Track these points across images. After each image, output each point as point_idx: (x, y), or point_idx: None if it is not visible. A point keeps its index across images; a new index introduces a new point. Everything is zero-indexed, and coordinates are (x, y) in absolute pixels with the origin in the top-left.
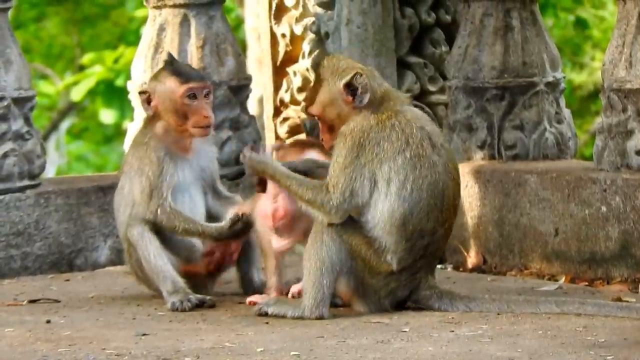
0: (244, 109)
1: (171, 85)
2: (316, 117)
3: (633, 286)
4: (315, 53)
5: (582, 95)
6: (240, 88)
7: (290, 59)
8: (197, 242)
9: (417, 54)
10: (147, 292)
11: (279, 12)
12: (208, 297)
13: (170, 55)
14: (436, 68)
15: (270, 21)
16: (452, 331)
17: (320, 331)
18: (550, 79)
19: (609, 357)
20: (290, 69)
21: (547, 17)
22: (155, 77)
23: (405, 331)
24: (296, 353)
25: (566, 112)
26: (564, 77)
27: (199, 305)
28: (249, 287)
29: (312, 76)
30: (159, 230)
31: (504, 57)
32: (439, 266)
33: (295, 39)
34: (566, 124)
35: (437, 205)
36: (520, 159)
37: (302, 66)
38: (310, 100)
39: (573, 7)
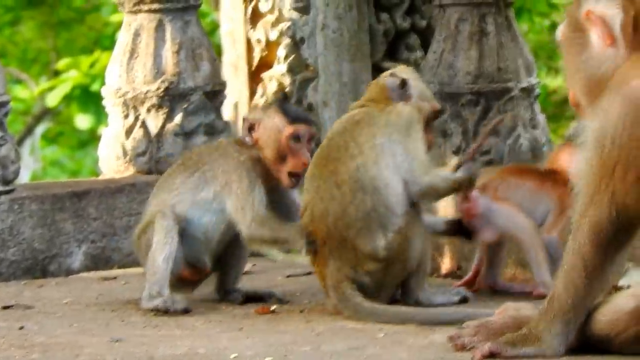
0: (218, 114)
1: (278, 122)
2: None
3: None
4: (291, 58)
5: (557, 99)
6: (215, 93)
7: (266, 64)
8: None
9: (392, 59)
10: (121, 298)
11: (254, 17)
12: (186, 306)
13: (284, 93)
14: None
15: (246, 26)
16: (426, 337)
17: (294, 337)
18: (525, 84)
19: None
20: (265, 75)
21: (522, 21)
22: (264, 109)
23: (379, 337)
24: (270, 359)
25: (541, 118)
26: (539, 83)
27: (178, 312)
28: (225, 293)
29: (287, 81)
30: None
31: (479, 62)
32: None
33: (270, 44)
34: (541, 129)
35: None
36: (495, 164)
37: (278, 71)
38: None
39: (548, 12)
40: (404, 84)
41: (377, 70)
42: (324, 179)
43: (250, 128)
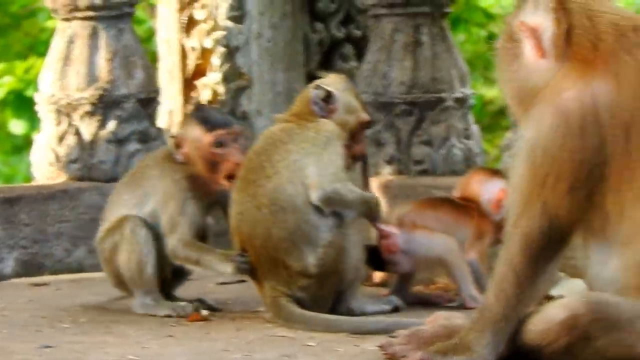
0: (152, 121)
1: (198, 133)
2: None
3: None
4: (225, 67)
5: (493, 110)
6: (148, 101)
7: (201, 72)
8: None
9: (326, 69)
10: (53, 305)
11: (189, 25)
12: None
13: (198, 102)
14: None
15: (181, 34)
16: (357, 346)
17: (226, 345)
18: (459, 94)
19: None
20: (199, 83)
21: (459, 32)
22: (184, 123)
23: (310, 345)
24: None
25: (474, 128)
26: (473, 93)
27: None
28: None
29: (221, 89)
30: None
31: (413, 72)
32: None
33: (205, 53)
34: (474, 140)
35: None
36: (428, 174)
37: (212, 80)
38: None
39: (485, 23)
40: (328, 96)
41: (311, 80)
42: (245, 203)
43: (178, 145)
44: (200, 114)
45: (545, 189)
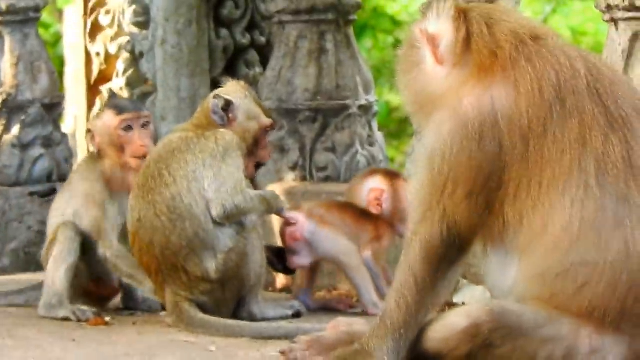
0: (56, 126)
1: (107, 118)
2: None
3: None
4: (130, 72)
5: (399, 117)
6: (53, 106)
7: (105, 77)
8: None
9: (231, 75)
10: None
11: (94, 30)
12: (94, 312)
13: (110, 90)
14: None
15: (85, 39)
16: (258, 351)
17: (127, 349)
18: (363, 102)
19: None
20: (104, 88)
21: (366, 38)
22: (97, 114)
23: (211, 350)
24: None
25: (378, 135)
26: (377, 101)
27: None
28: (130, 302)
29: (126, 95)
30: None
31: (317, 79)
32: None
33: (109, 58)
34: (378, 147)
35: None
36: (331, 181)
37: (116, 85)
38: None
39: (392, 29)
40: (227, 105)
41: (215, 86)
42: (144, 210)
43: (92, 137)
44: (111, 101)
45: (444, 195)
